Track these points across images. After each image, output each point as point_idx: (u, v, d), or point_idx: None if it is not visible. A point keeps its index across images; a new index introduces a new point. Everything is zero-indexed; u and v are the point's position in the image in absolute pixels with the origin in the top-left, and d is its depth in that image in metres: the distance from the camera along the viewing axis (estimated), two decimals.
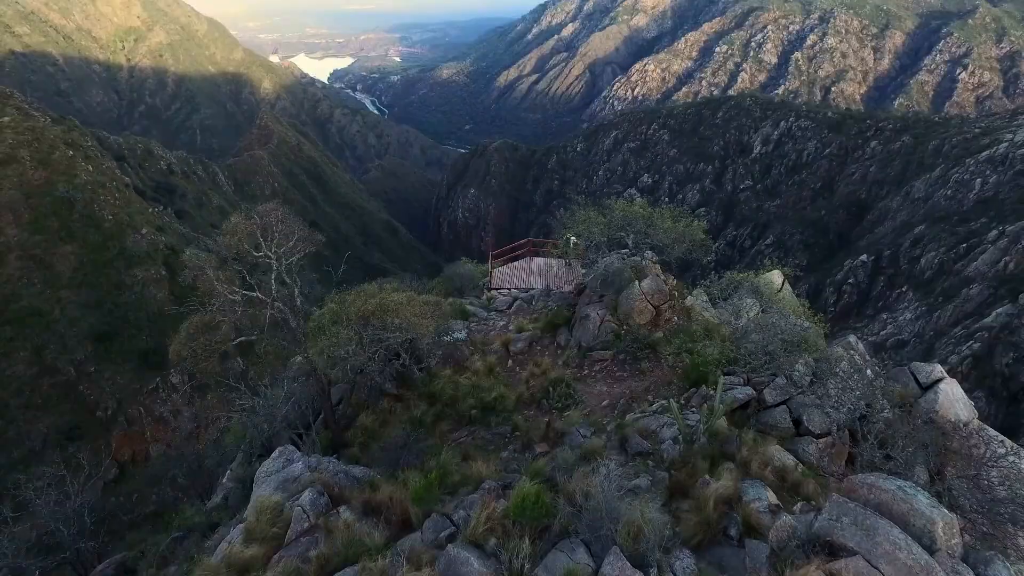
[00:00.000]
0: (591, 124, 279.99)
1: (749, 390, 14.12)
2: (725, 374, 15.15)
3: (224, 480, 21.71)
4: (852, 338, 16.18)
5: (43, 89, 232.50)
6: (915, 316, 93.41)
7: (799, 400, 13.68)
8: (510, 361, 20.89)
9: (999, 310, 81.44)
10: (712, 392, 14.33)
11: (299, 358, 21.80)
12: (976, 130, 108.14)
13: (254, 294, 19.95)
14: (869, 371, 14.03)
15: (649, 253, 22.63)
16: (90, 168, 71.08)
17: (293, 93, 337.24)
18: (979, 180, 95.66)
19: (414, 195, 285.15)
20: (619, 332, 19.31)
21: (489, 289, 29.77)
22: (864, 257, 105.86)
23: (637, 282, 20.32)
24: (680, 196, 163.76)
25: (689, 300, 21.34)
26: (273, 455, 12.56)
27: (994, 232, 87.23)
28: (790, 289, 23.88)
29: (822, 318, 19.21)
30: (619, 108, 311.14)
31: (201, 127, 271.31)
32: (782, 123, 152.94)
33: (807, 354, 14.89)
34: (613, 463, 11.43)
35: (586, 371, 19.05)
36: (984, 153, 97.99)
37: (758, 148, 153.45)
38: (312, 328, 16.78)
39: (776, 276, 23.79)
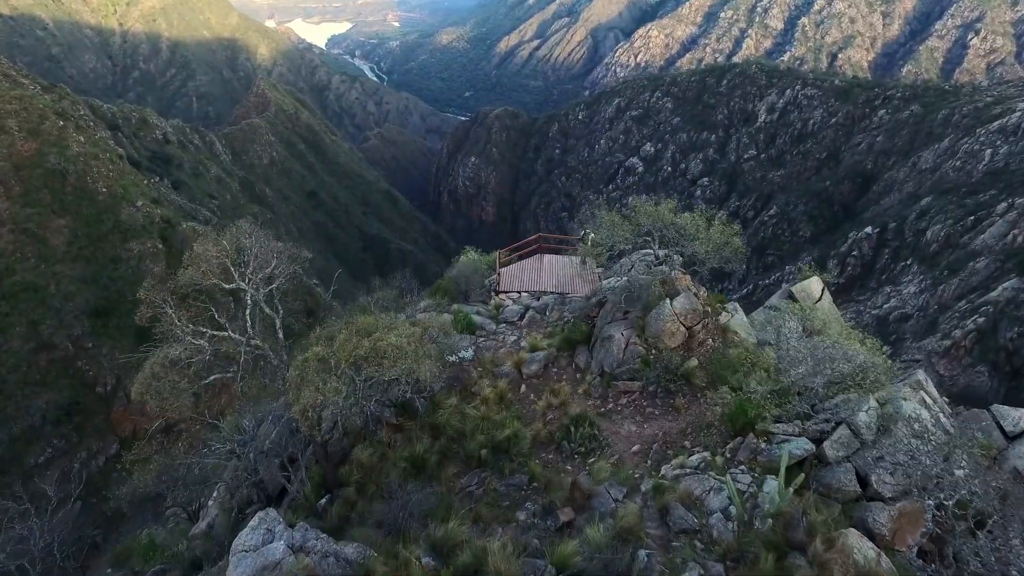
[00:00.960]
0: (593, 91, 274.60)
1: (807, 443, 12.16)
2: (775, 420, 13.21)
3: (211, 504, 20.29)
4: (921, 375, 14.16)
5: (33, 54, 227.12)
6: (919, 290, 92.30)
7: (865, 456, 11.54)
8: (523, 386, 18.41)
9: (1006, 284, 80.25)
10: (763, 444, 12.69)
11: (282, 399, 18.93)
12: (988, 98, 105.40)
13: (225, 333, 17.60)
14: (944, 418, 12.35)
15: (676, 258, 20.40)
16: (82, 139, 69.02)
17: (290, 59, 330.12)
18: (989, 151, 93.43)
19: (414, 163, 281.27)
20: (647, 358, 16.94)
21: (497, 292, 26.76)
22: (869, 229, 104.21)
23: (668, 300, 17.82)
24: (683, 166, 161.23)
25: (724, 317, 18.96)
26: (252, 523, 10.34)
27: (1003, 204, 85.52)
28: (830, 299, 21.79)
29: (880, 345, 16.11)
30: (622, 75, 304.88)
31: (197, 94, 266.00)
32: (788, 91, 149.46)
33: (870, 394, 12.41)
34: (653, 544, 10.14)
35: (611, 404, 16.69)
36: (995, 123, 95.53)
37: (763, 117, 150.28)
38: (294, 378, 14.09)
39: (814, 284, 21.76)
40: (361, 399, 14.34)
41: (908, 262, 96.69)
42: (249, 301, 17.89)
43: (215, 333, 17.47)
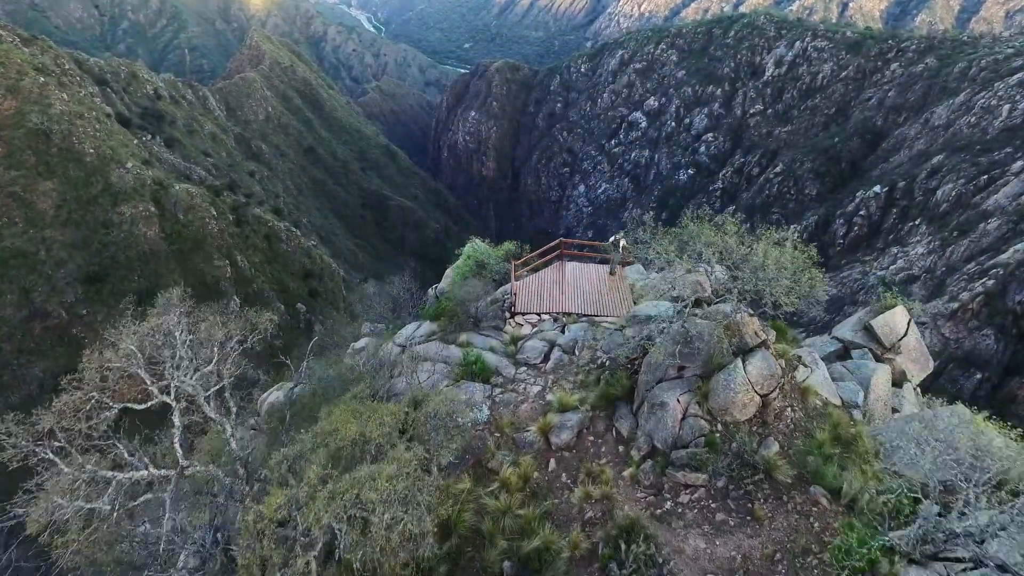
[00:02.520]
0: (595, 43, 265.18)
1: None
2: (908, 560, 9.85)
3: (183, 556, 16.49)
4: None
5: (15, 1, 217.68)
6: (927, 250, 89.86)
7: None
8: (552, 461, 14.50)
9: (1017, 246, 77.75)
10: None
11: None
12: (1009, 50, 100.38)
13: (144, 473, 12.75)
14: None
15: (730, 287, 17.00)
16: (65, 96, 65.45)
17: (284, 9, 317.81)
18: (1007, 106, 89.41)
19: (413, 118, 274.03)
20: (713, 437, 13.31)
21: (512, 313, 22.27)
22: (877, 188, 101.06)
23: (740, 362, 13.89)
24: (687, 120, 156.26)
25: (801, 373, 15.36)
26: None
27: (1019, 163, 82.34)
28: (917, 334, 18.48)
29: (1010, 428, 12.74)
30: (625, 26, 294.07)
31: (189, 46, 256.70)
32: (797, 43, 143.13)
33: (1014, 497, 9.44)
34: None
35: (668, 501, 12.71)
36: (1015, 76, 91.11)
37: (770, 70, 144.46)
38: (246, 561, 10.05)
39: (899, 317, 18.18)
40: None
41: (917, 222, 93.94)
42: (177, 423, 13.49)
43: (118, 476, 12.36)
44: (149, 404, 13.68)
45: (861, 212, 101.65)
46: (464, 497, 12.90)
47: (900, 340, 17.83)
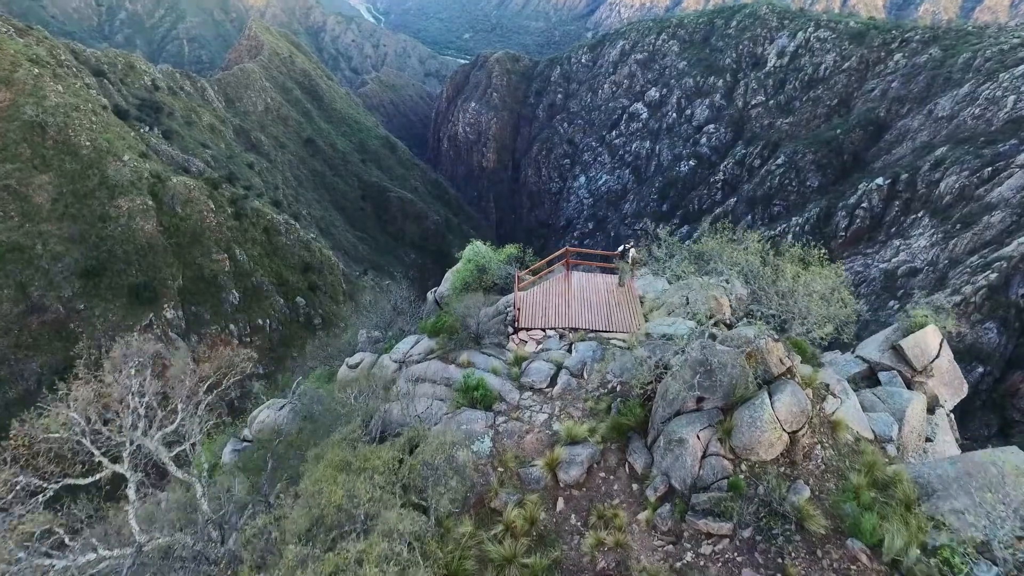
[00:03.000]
0: (596, 33, 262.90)
1: None
2: None
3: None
4: None
5: None
6: (930, 243, 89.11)
7: None
8: (560, 500, 13.21)
9: (1021, 239, 77.01)
10: None
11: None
12: (1014, 40, 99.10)
13: (92, 556, 10.86)
14: None
15: (752, 309, 15.32)
16: (60, 88, 64.53)
17: None
18: (1012, 97, 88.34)
19: (413, 109, 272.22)
20: (737, 480, 11.99)
21: (516, 329, 20.63)
22: (880, 180, 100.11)
23: (767, 397, 12.52)
24: (688, 112, 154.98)
25: (830, 403, 13.85)
26: None
27: None
28: (950, 355, 17.24)
29: None
30: (626, 16, 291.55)
31: (188, 37, 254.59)
32: (799, 34, 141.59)
33: None
34: None
35: (688, 551, 11.48)
36: (1021, 67, 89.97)
37: (772, 61, 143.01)
38: None
39: (931, 337, 16.91)
40: None
41: (919, 215, 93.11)
42: (133, 496, 11.83)
43: (57, 564, 10.59)
44: (98, 476, 11.91)
45: (863, 204, 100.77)
46: (466, 541, 11.71)
47: (932, 362, 16.65)
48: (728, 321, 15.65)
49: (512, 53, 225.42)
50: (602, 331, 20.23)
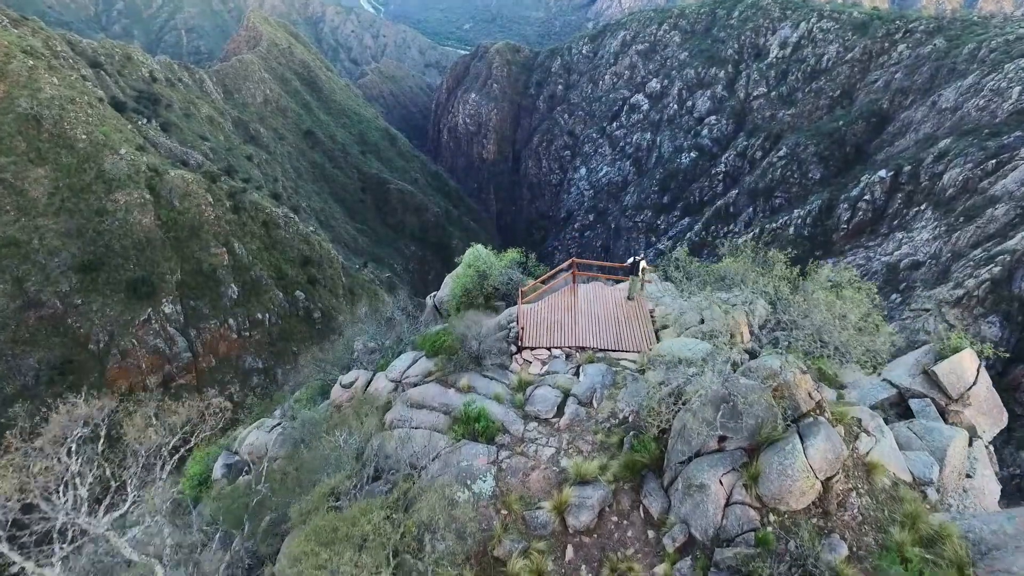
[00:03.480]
0: (597, 24, 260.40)
1: None
2: None
3: None
4: None
5: None
6: (932, 236, 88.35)
7: None
8: (569, 549, 12.08)
9: None
10: None
11: None
12: (1021, 30, 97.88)
13: None
14: None
15: (777, 336, 13.93)
16: (55, 80, 63.58)
17: None
18: (1018, 88, 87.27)
19: (413, 100, 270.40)
20: (766, 534, 10.66)
21: (519, 347, 19.25)
22: (882, 173, 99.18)
23: (798, 441, 11.29)
24: (690, 103, 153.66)
25: (864, 442, 12.49)
26: None
27: None
28: (988, 381, 15.92)
29: None
30: (627, 6, 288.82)
31: (186, 27, 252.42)
32: (802, 24, 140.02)
33: None
34: None
35: None
36: None
37: (775, 52, 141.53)
38: None
39: (967, 361, 15.69)
40: None
41: (922, 207, 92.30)
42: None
43: None
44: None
45: (866, 197, 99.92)
46: None
47: (969, 390, 15.34)
48: (749, 346, 14.50)
49: (512, 44, 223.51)
50: (611, 350, 18.99)
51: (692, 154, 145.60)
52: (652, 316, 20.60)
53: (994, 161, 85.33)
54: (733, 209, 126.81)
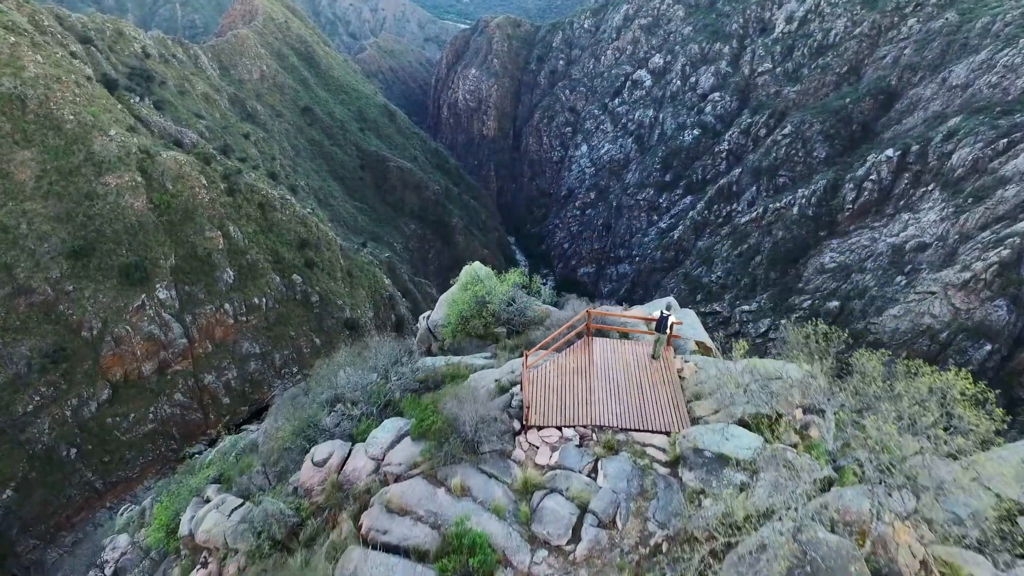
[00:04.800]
0: None
1: None
2: None
3: None
4: None
5: None
6: (940, 217, 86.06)
7: None
8: None
9: None
10: None
11: None
12: None
13: None
14: None
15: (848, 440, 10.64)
16: (40, 58, 60.81)
17: None
18: None
19: (412, 75, 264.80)
20: None
21: (524, 427, 15.93)
22: (889, 152, 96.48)
23: None
24: (693, 79, 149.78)
25: None
26: None
27: None
28: None
29: None
30: None
31: (180, 0, 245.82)
32: None
33: None
34: None
35: None
36: None
37: (781, 27, 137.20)
38: None
39: None
40: None
41: (930, 188, 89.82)
42: None
43: None
44: None
45: (872, 176, 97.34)
46: None
47: None
48: (800, 427, 11.71)
49: (513, 18, 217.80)
50: (634, 429, 15.64)
51: (695, 131, 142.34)
52: (681, 375, 17.56)
53: (1005, 140, 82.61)
54: (736, 188, 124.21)
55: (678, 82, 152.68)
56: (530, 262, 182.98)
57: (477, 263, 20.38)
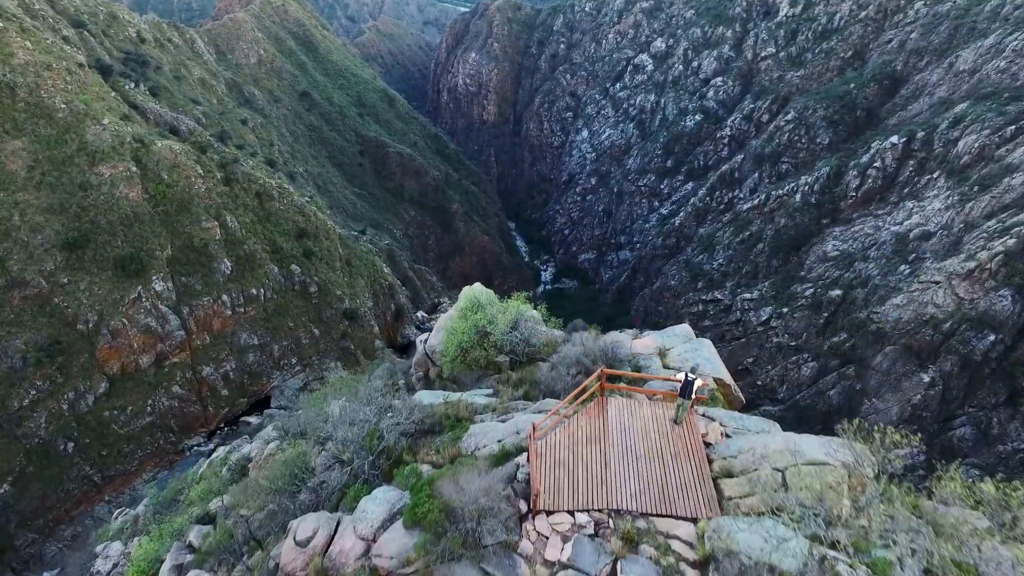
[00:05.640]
0: None
1: None
2: None
3: None
4: None
5: None
6: (945, 206, 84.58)
7: None
8: None
9: None
10: None
11: None
12: None
13: None
14: None
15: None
16: (29, 44, 59.02)
17: None
18: None
19: (411, 59, 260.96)
20: None
21: (532, 510, 14.00)
22: (894, 139, 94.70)
23: None
24: (695, 64, 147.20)
25: None
26: None
27: None
28: None
29: None
30: None
31: None
32: None
33: None
34: None
35: None
36: None
37: (785, 10, 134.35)
38: None
39: None
40: None
41: (935, 175, 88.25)
42: None
43: None
44: None
45: (876, 164, 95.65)
46: None
47: None
48: (847, 519, 9.83)
49: (514, 1, 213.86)
50: (656, 514, 13.56)
51: (697, 117, 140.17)
52: (705, 440, 15.56)
53: (1013, 127, 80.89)
54: (738, 175, 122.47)
55: (680, 66, 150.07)
56: (530, 248, 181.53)
57: (478, 285, 18.68)
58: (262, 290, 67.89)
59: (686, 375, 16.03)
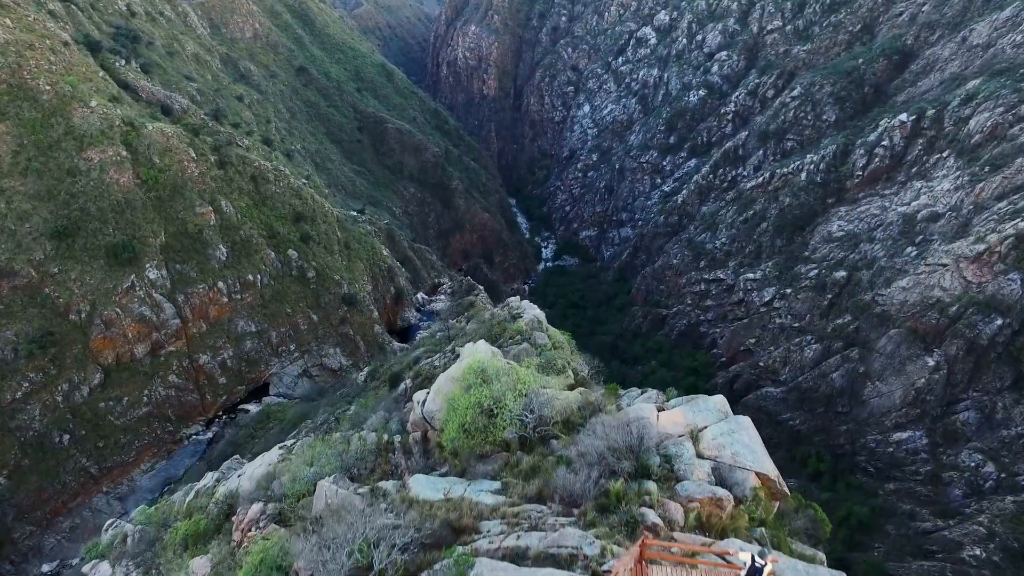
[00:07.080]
0: None
1: None
2: None
3: None
4: None
5: None
6: (954, 186, 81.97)
7: None
8: None
9: None
10: None
11: None
12: None
13: None
14: None
15: None
16: (8, 22, 55.97)
17: None
18: None
19: (410, 31, 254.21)
20: None
21: None
22: (903, 116, 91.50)
23: None
24: (699, 37, 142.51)
25: None
26: None
27: None
28: None
29: None
30: None
31: None
32: None
33: None
34: None
35: None
36: None
37: None
38: None
39: None
40: None
41: (944, 154, 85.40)
42: None
43: None
44: None
45: (884, 142, 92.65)
46: None
47: None
48: None
49: None
50: None
51: (700, 92, 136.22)
52: None
53: None
54: (742, 152, 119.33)
55: (684, 40, 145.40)
56: (531, 224, 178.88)
57: (482, 344, 15.52)
58: (259, 276, 65.96)
59: (752, 559, 11.96)
